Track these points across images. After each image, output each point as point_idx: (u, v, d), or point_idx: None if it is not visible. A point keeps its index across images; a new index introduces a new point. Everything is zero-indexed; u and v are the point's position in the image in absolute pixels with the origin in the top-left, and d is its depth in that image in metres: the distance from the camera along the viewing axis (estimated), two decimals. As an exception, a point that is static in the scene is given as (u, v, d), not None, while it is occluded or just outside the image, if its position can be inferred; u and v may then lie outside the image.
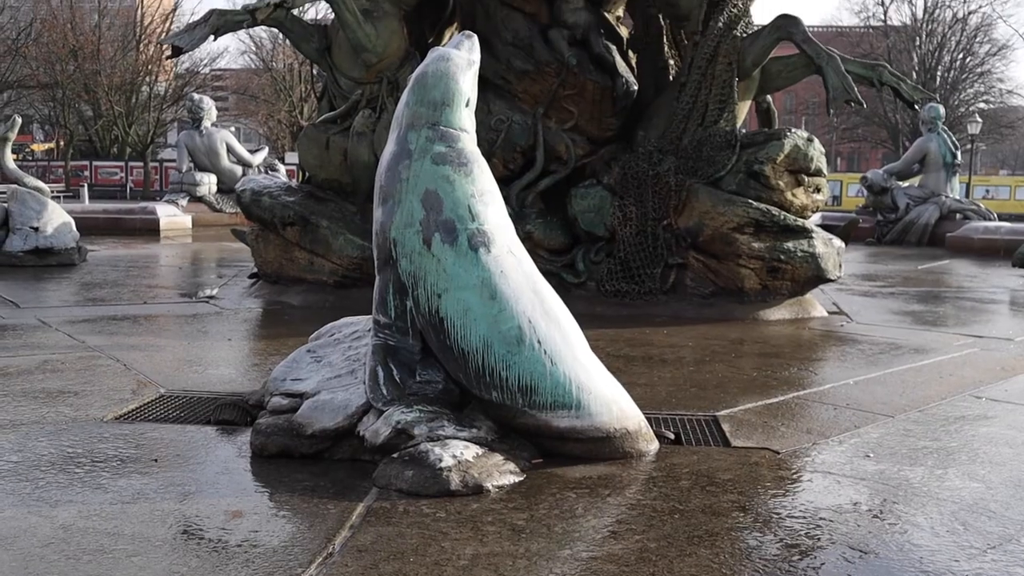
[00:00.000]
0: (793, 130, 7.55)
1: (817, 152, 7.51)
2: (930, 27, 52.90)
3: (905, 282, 10.67)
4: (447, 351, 3.40)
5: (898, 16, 54.36)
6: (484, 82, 5.68)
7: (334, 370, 3.65)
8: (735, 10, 7.58)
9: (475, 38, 3.69)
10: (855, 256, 13.13)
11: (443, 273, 3.38)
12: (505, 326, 3.34)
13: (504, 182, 7.59)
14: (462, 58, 3.57)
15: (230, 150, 17.93)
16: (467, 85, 3.57)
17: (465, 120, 3.57)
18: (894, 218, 17.08)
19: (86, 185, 37.05)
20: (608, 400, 3.47)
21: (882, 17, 53.94)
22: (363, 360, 3.57)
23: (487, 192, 3.52)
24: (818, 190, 7.62)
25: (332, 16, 7.55)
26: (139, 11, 50.56)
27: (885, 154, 59.60)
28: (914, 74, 51.03)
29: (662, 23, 8.24)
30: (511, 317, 3.34)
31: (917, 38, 52.93)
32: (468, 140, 3.56)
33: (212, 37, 7.27)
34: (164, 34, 47.48)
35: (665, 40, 8.28)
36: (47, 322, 6.60)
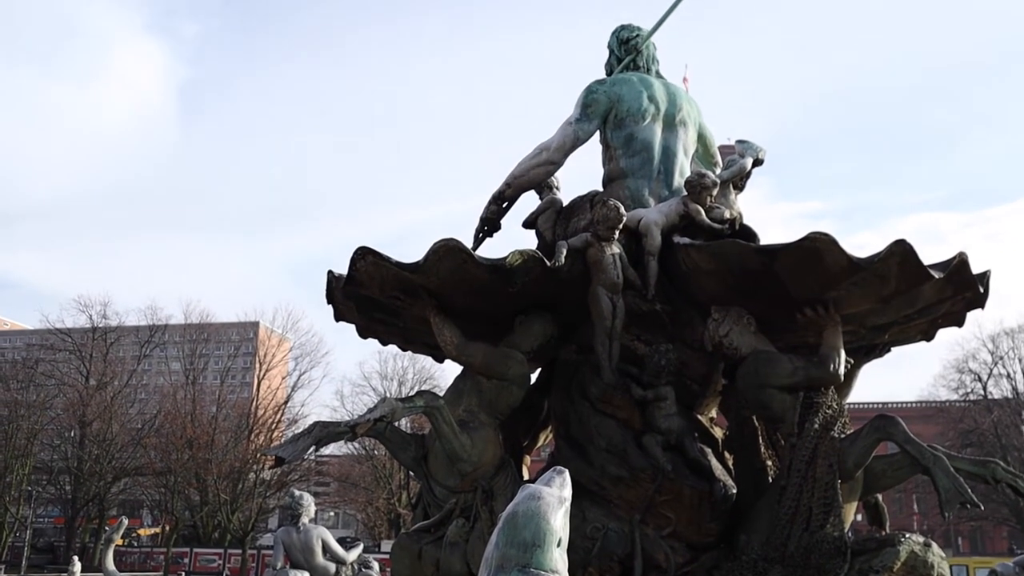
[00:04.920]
0: (908, 535, 7.13)
1: (937, 558, 7.03)
2: (1034, 399, 51.94)
3: None
4: None
5: (998, 390, 53.70)
6: (578, 488, 5.63)
7: None
8: (830, 411, 7.53)
9: (566, 473, 3.69)
10: (999, 664, 11.73)
11: None
12: None
13: (602, 594, 7.27)
14: (553, 496, 3.54)
15: (325, 547, 17.92)
16: (559, 524, 3.50)
17: (557, 561, 3.46)
18: (1036, 618, 15.48)
19: (184, 574, 37.13)
20: None
21: (981, 392, 53.38)
22: None
23: (581, 642, 3.30)
24: (944, 599, 7.01)
25: (429, 426, 7.79)
26: (254, 403, 53.80)
27: (1010, 531, 55.97)
28: (1027, 448, 49.30)
29: (756, 424, 8.23)
30: None
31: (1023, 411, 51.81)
32: (560, 583, 3.42)
33: (314, 448, 7.51)
34: (275, 424, 50.12)
35: (760, 440, 8.22)
36: None
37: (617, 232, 7.78)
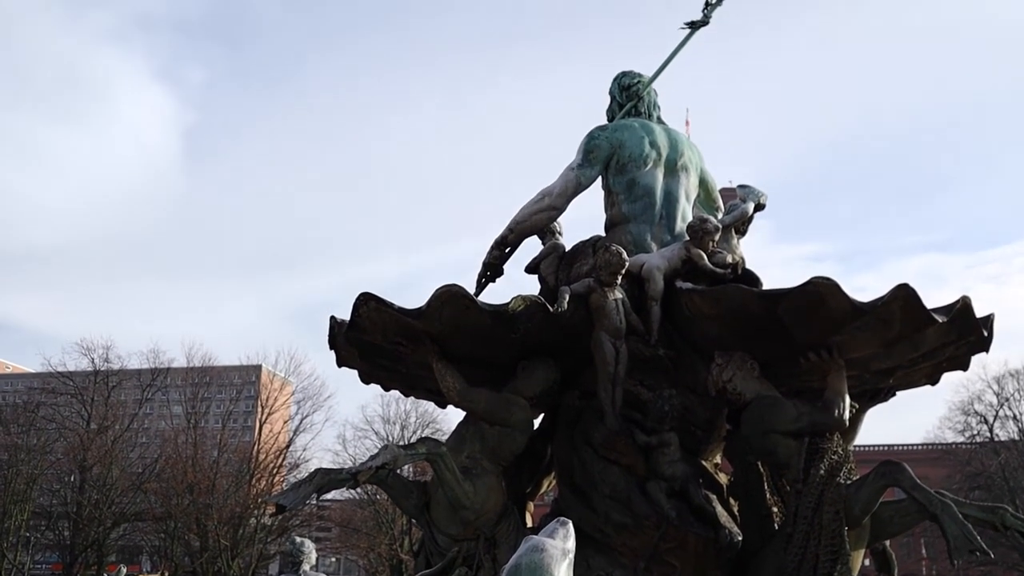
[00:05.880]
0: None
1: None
2: (1041, 441, 51.47)
3: None
4: None
5: (1004, 432, 53.28)
6: (582, 536, 5.59)
7: None
8: (835, 457, 7.47)
9: (570, 525, 3.65)
10: None
11: None
12: None
13: (608, 646, 7.16)
14: (556, 548, 3.50)
15: (327, 594, 17.73)
16: (562, 577, 3.46)
17: (560, 615, 3.40)
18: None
19: (183, 621, 36.64)
20: None
21: (988, 434, 52.96)
22: None
23: None
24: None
25: (431, 472, 7.73)
26: (256, 447, 53.46)
27: (1021, 577, 55.09)
28: (1034, 491, 48.78)
29: (761, 470, 8.16)
30: None
31: (1030, 453, 51.31)
32: (562, 644, 3.36)
33: (315, 495, 7.46)
34: (277, 469, 49.75)
35: (766, 487, 8.14)
36: None
37: (619, 277, 7.78)
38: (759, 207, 9.03)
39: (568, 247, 8.92)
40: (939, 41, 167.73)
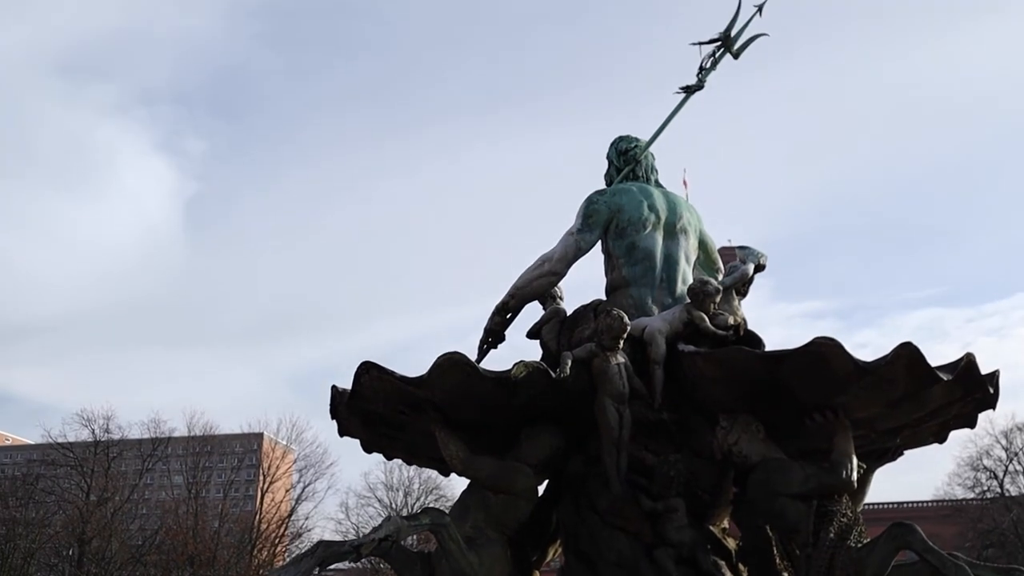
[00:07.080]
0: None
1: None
2: (1053, 496, 50.83)
3: None
4: None
5: (1015, 487, 52.64)
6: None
7: None
8: (845, 519, 7.37)
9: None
10: None
11: None
12: None
13: None
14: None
15: (329, 668, 17.34)
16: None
17: None
18: None
19: None
20: None
21: (998, 489, 52.34)
22: None
23: None
24: None
25: (435, 543, 7.61)
26: (257, 516, 52.86)
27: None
28: (1048, 548, 48.08)
29: (770, 534, 8.03)
30: None
31: (1042, 509, 50.61)
32: None
33: (317, 569, 7.33)
34: (279, 539, 49.07)
35: (775, 551, 8.00)
36: None
37: (622, 341, 7.77)
38: (759, 268, 9.06)
39: (569, 312, 8.92)
40: (936, 96, 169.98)
